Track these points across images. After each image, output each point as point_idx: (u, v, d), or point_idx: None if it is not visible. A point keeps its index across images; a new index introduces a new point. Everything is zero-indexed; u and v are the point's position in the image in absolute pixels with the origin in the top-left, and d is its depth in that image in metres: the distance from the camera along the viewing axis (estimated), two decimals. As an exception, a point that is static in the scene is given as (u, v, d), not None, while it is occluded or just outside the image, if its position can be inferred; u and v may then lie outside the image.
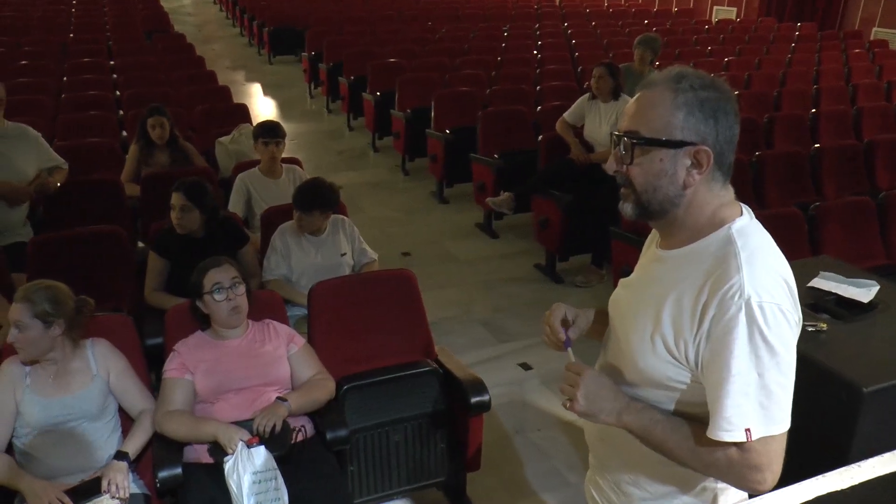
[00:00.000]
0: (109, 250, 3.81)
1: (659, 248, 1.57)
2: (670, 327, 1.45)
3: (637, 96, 1.49)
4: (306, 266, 3.74)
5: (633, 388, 1.56)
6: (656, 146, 1.43)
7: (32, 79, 6.99)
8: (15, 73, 7.04)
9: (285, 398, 2.73)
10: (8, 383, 2.61)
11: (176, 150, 4.96)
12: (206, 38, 13.93)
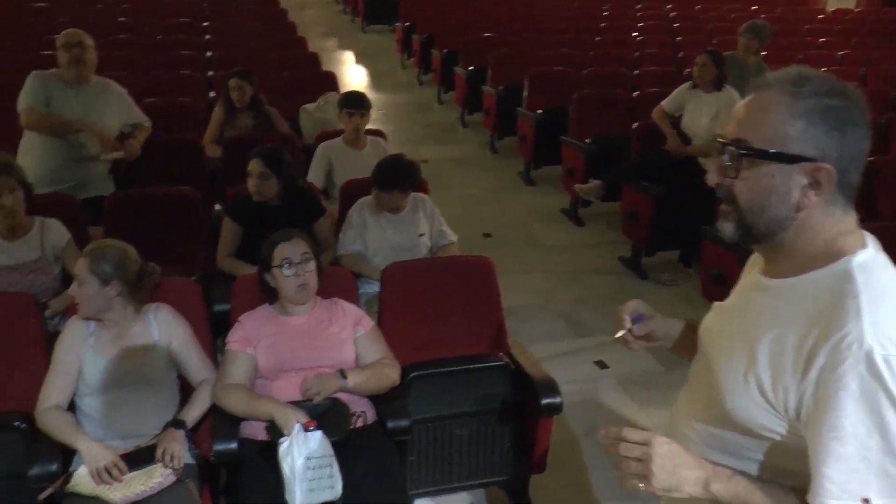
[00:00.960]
0: (185, 212, 3.78)
1: (762, 274, 1.35)
2: (768, 369, 1.23)
3: (748, 99, 1.26)
4: (382, 244, 3.62)
5: (718, 429, 1.35)
6: (767, 159, 1.21)
7: (129, 36, 7.06)
8: (112, 30, 7.12)
9: (345, 373, 2.61)
10: (72, 341, 2.59)
11: (260, 115, 4.92)
12: (301, 4, 13.93)
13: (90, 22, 7.08)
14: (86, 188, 4.00)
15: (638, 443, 1.29)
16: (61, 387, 2.56)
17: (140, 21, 7.80)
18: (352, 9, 13.08)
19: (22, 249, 3.24)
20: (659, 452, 1.27)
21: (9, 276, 3.18)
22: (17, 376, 2.71)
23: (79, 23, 6.57)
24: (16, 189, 3.17)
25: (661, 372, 4.01)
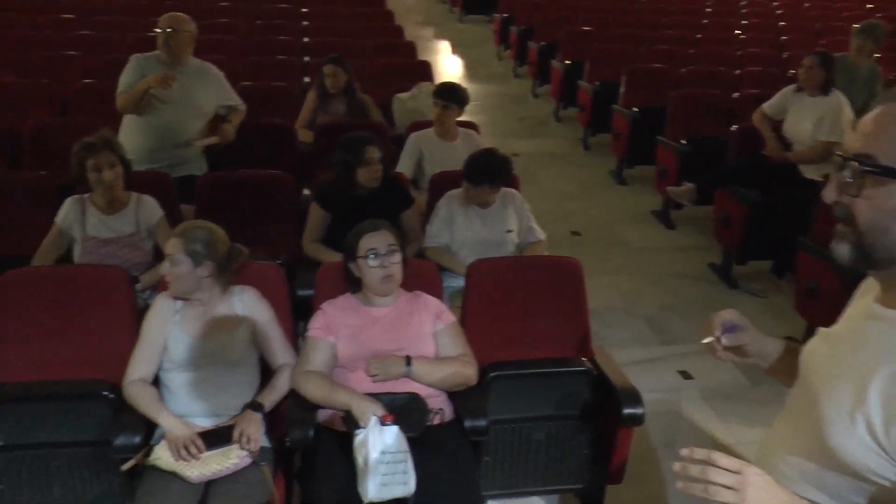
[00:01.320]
0: (274, 195, 3.83)
1: (878, 303, 1.24)
2: (880, 408, 1.13)
3: (878, 112, 1.16)
4: (469, 238, 3.57)
5: (817, 466, 1.25)
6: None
7: (230, 20, 7.20)
8: (213, 14, 7.28)
9: (412, 361, 2.59)
10: (160, 316, 2.64)
11: (353, 101, 4.94)
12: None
13: (194, 6, 7.27)
14: (180, 167, 4.10)
15: (729, 470, 1.19)
16: (147, 361, 2.62)
17: (241, 5, 7.95)
18: (450, 0, 13.08)
19: (118, 223, 3.34)
20: (753, 483, 1.16)
21: (105, 248, 3.29)
22: (108, 347, 2.79)
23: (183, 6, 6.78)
24: (116, 164, 3.27)
25: (747, 387, 3.85)
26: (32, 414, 2.63)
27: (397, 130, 5.05)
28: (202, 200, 3.73)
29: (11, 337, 2.81)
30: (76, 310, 2.84)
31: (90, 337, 2.82)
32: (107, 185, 3.28)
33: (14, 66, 5.79)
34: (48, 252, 3.31)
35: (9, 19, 7.21)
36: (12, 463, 2.62)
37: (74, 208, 3.34)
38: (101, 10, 7.70)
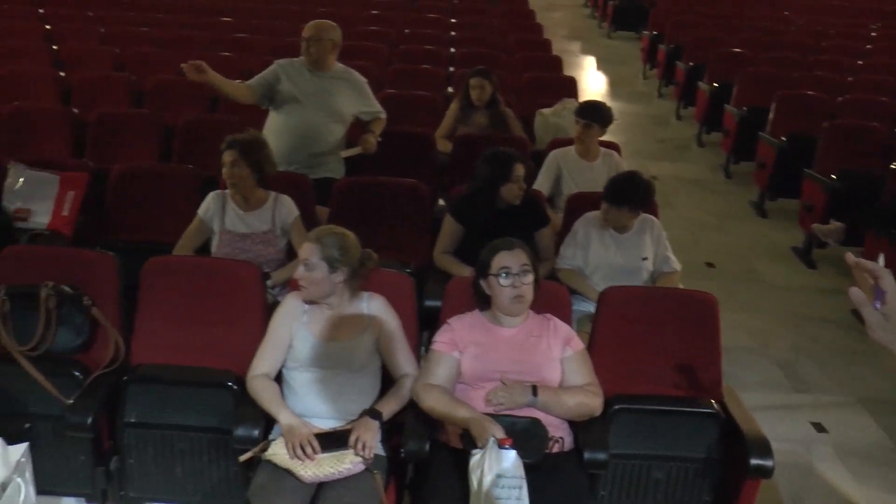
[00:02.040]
0: (409, 203, 3.87)
1: None
2: None
3: None
4: (603, 262, 3.51)
5: None
6: None
7: (378, 27, 7.36)
8: (364, 21, 7.47)
9: (537, 390, 2.55)
10: (288, 315, 2.72)
11: (495, 114, 4.95)
12: (549, 6, 13.92)
13: (347, 13, 7.50)
14: (318, 169, 4.21)
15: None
16: (272, 357, 2.70)
17: (392, 13, 8.12)
18: (600, 13, 12.91)
19: (255, 220, 3.46)
20: None
21: (240, 243, 3.42)
22: (236, 339, 2.90)
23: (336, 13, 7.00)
24: (238, 163, 3.37)
25: (889, 449, 3.61)
26: (163, 396, 2.79)
27: (537, 146, 5.02)
28: (337, 204, 3.82)
29: (149, 320, 2.97)
30: (210, 300, 2.97)
31: (220, 327, 2.94)
32: (230, 182, 3.41)
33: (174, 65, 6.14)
34: (189, 242, 3.47)
35: (170, 20, 7.66)
36: (141, 439, 2.79)
37: (216, 202, 3.49)
38: (258, 13, 8.07)
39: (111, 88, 5.51)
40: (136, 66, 6.09)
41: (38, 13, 7.69)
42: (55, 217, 3.85)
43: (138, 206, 3.96)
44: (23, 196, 3.90)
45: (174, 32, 7.12)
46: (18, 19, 7.46)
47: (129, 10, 7.98)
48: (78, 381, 2.79)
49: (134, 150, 4.59)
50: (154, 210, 3.94)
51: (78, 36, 6.90)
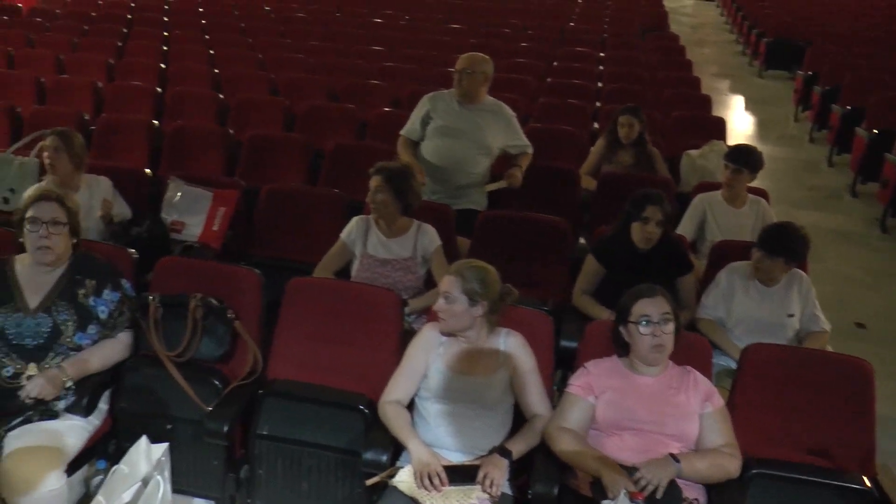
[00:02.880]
0: (550, 240, 3.84)
1: None
2: None
3: None
4: (746, 315, 3.35)
5: None
6: None
7: (526, 60, 7.40)
8: (514, 54, 7.52)
9: (679, 458, 2.44)
10: (424, 345, 2.74)
11: (641, 153, 4.85)
12: (699, 41, 13.64)
13: (495, 45, 7.57)
14: (462, 200, 4.23)
15: None
16: (406, 385, 2.72)
17: (542, 46, 8.15)
18: (752, 50, 12.48)
19: (397, 246, 3.50)
20: None
21: (380, 268, 3.46)
22: (370, 363, 2.94)
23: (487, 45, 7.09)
24: (384, 190, 3.41)
25: None
26: (296, 412, 2.85)
27: (682, 188, 4.88)
28: (479, 236, 3.83)
29: (288, 337, 3.06)
30: (348, 323, 3.03)
31: (356, 350, 3.00)
32: (374, 208, 3.46)
33: (326, 91, 6.40)
34: (330, 263, 3.55)
35: (324, 48, 7.95)
36: (272, 452, 2.86)
37: (359, 227, 3.55)
38: (409, 43, 8.25)
39: (265, 111, 5.76)
40: (289, 90, 6.37)
41: (204, 38, 8.18)
42: (206, 230, 4.04)
43: (284, 226, 4.10)
44: (179, 209, 4.12)
45: (327, 60, 7.38)
46: (188, 43, 7.96)
47: (285, 38, 8.35)
48: (217, 389, 2.90)
49: (283, 172, 4.77)
50: (299, 230, 4.06)
51: (237, 61, 7.28)
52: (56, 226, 2.82)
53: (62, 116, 5.30)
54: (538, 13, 10.26)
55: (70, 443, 2.73)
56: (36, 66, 6.96)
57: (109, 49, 7.60)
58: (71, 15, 9.26)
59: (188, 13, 9.59)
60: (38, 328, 2.79)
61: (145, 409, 2.95)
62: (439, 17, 9.71)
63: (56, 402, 2.76)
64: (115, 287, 2.94)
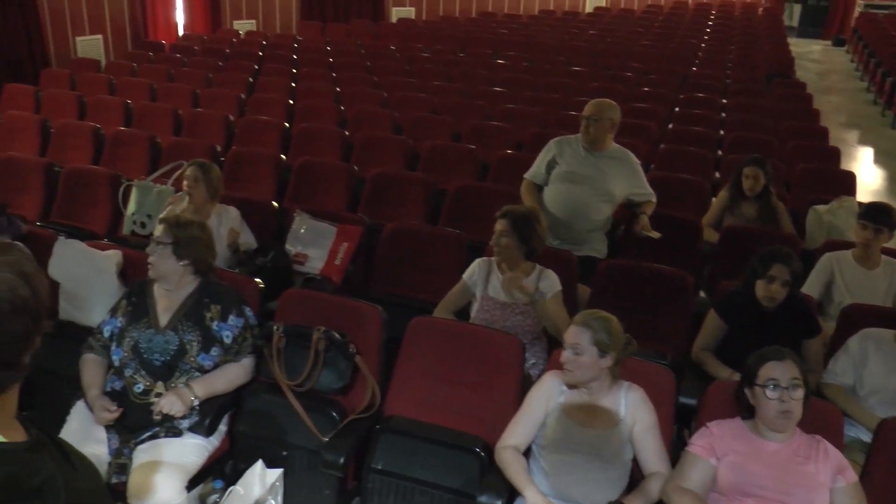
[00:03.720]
0: (670, 293, 3.76)
1: None
2: None
3: None
4: (882, 386, 3.16)
5: None
6: None
7: (647, 105, 7.34)
8: (635, 98, 7.48)
9: None
10: (545, 394, 2.73)
11: (766, 207, 4.70)
12: (826, 89, 13.18)
13: (617, 89, 7.55)
14: (582, 246, 4.22)
15: None
16: (524, 431, 2.72)
17: (662, 91, 8.08)
18: (885, 99, 11.95)
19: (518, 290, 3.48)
20: None
21: (499, 311, 3.47)
22: (488, 407, 2.96)
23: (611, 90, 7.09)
24: (508, 234, 3.43)
25: None
26: (411, 449, 2.89)
27: (808, 245, 4.70)
28: (600, 284, 3.80)
29: (407, 374, 3.12)
30: (468, 365, 3.06)
31: (474, 393, 3.02)
32: (497, 251, 3.48)
33: (449, 131, 6.51)
34: (450, 303, 3.59)
35: (447, 88, 8.12)
36: (385, 486, 2.90)
37: (481, 269, 3.58)
38: (531, 86, 8.32)
39: (388, 149, 5.90)
40: (412, 130, 6.53)
41: (331, 76, 8.48)
42: (328, 264, 4.16)
43: (404, 263, 4.18)
44: (303, 242, 4.26)
45: (450, 100, 7.52)
46: (316, 80, 8.27)
47: (409, 78, 8.56)
48: (334, 420, 2.98)
49: (404, 209, 4.87)
50: (419, 268, 4.14)
51: (362, 99, 7.50)
52: (158, 245, 3.00)
53: (196, 148, 5.60)
54: (660, 57, 10.14)
55: (192, 460, 2.86)
56: (174, 99, 7.41)
57: (241, 84, 8.01)
58: (207, 51, 9.81)
59: (316, 51, 9.99)
60: (167, 345, 2.95)
61: (263, 434, 3.06)
62: (560, 59, 9.76)
63: (181, 420, 2.89)
64: (240, 314, 3.06)
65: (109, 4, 10.66)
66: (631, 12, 14.34)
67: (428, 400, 3.04)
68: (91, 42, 10.50)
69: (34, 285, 1.37)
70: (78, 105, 7.17)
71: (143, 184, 4.79)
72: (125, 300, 3.09)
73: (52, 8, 9.84)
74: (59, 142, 6.18)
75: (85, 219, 4.92)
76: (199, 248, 3.07)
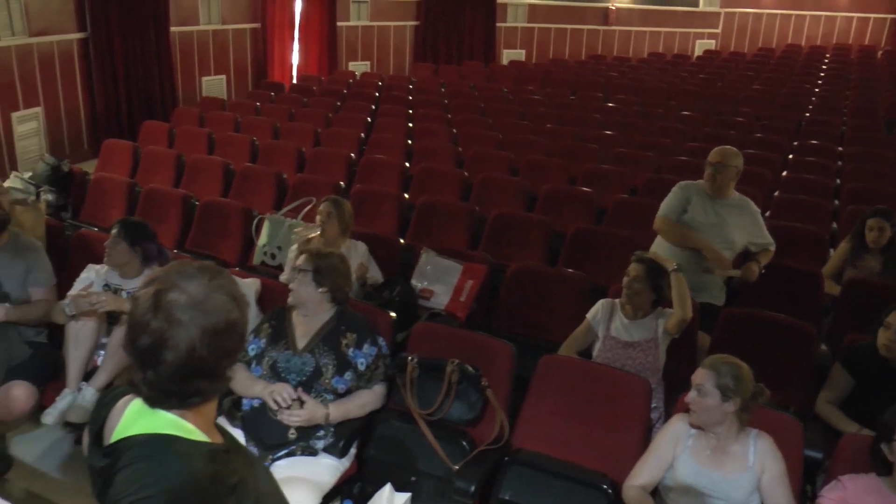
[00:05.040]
0: (792, 343, 3.76)
1: None
2: None
3: None
4: None
5: None
6: None
7: (759, 152, 7.30)
8: (747, 144, 7.44)
9: None
10: (673, 435, 2.80)
11: (890, 260, 4.61)
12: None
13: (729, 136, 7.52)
14: (700, 293, 4.21)
15: None
16: (652, 472, 2.79)
17: (775, 138, 8.00)
18: None
19: (639, 330, 3.60)
20: None
21: (622, 350, 3.58)
22: (614, 445, 3.07)
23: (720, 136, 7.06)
24: (642, 280, 3.56)
25: None
26: (539, 483, 2.99)
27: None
28: (719, 332, 3.84)
29: (535, 410, 3.26)
30: (595, 404, 3.17)
31: (600, 431, 3.13)
32: (627, 293, 3.59)
33: (564, 174, 6.65)
34: (575, 343, 3.71)
35: (561, 132, 8.24)
36: (511, 518, 2.98)
37: (605, 309, 3.69)
38: (643, 129, 8.38)
39: (506, 190, 6.07)
40: (528, 171, 6.69)
41: (447, 117, 8.75)
42: (453, 301, 4.34)
43: (527, 303, 4.31)
44: (429, 278, 4.46)
45: (563, 143, 7.65)
46: (434, 122, 8.55)
47: (521, 120, 8.73)
48: (464, 450, 3.12)
49: (524, 250, 5.01)
50: (540, 308, 4.27)
51: (478, 140, 7.70)
52: (299, 272, 3.22)
53: (321, 185, 5.88)
54: (772, 103, 9.99)
55: (326, 479, 3.04)
56: (297, 137, 7.78)
57: (360, 124, 8.33)
58: (325, 92, 10.22)
59: (431, 92, 10.32)
60: (303, 367, 3.16)
61: (391, 459, 3.21)
62: (671, 103, 9.76)
63: (316, 440, 3.08)
64: (374, 343, 3.25)
65: (234, 47, 11.35)
66: (741, 55, 14.15)
67: (555, 435, 3.16)
68: (215, 82, 11.22)
69: (241, 307, 1.57)
70: (207, 141, 7.62)
71: (274, 217, 5.08)
72: (266, 323, 3.32)
73: (183, 52, 10.62)
74: (192, 175, 6.58)
75: (218, 248, 5.23)
76: (337, 277, 3.27)
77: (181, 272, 1.53)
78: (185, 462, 1.48)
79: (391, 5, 13.18)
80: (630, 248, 3.84)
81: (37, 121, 8.74)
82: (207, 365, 1.51)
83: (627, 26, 15.12)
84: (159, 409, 1.54)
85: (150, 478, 1.45)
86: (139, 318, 1.49)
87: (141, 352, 1.50)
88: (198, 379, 1.52)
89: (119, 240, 3.73)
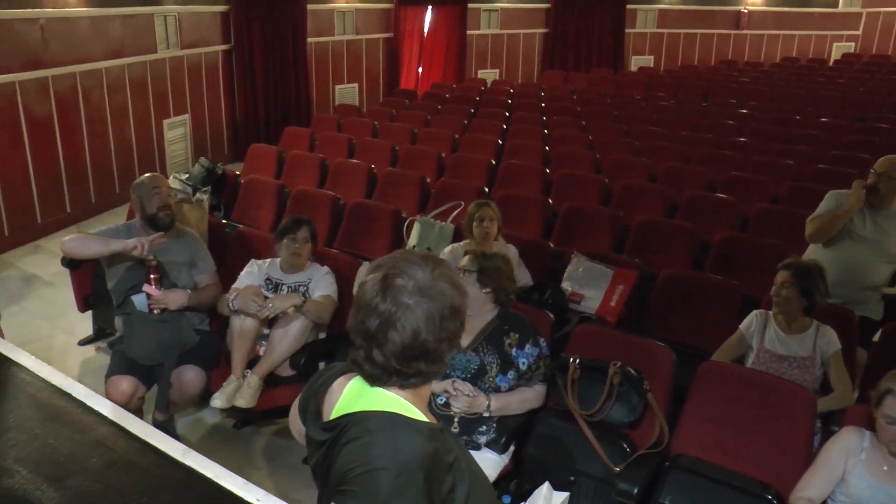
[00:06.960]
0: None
1: None
2: None
3: None
4: None
5: None
6: None
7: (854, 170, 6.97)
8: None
9: None
10: (844, 448, 2.75)
11: None
12: None
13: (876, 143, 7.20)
14: (858, 307, 4.12)
15: None
16: (821, 485, 2.75)
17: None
18: None
19: (795, 344, 3.55)
20: None
21: (776, 364, 3.54)
22: (777, 455, 3.04)
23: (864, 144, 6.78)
24: (790, 286, 3.51)
25: None
26: (699, 489, 2.98)
27: None
28: (880, 349, 3.75)
29: (695, 416, 3.27)
30: (758, 413, 3.15)
31: (763, 440, 3.10)
32: (777, 302, 3.56)
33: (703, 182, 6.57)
34: (727, 353, 3.68)
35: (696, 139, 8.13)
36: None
37: (758, 320, 3.66)
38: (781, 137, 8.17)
39: (647, 197, 6.08)
40: (667, 178, 6.67)
41: (580, 124, 8.80)
42: (604, 305, 4.38)
43: (676, 309, 4.33)
44: (579, 282, 4.52)
45: (700, 150, 7.57)
46: (569, 129, 8.60)
47: (656, 127, 8.67)
48: (625, 452, 3.16)
49: (667, 257, 5.01)
50: (691, 315, 4.26)
51: (613, 147, 7.72)
52: (464, 273, 3.34)
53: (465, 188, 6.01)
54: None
55: (487, 474, 3.15)
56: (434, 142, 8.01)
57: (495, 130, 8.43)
58: (457, 99, 10.40)
59: (563, 100, 10.36)
60: (468, 364, 3.29)
61: (550, 458, 3.27)
62: (809, 109, 9.48)
63: (479, 435, 3.21)
64: (535, 344, 3.35)
65: (367, 57, 11.74)
66: (885, 58, 13.52)
67: (715, 442, 3.16)
68: (348, 90, 11.64)
69: (462, 294, 1.65)
70: (348, 146, 7.92)
71: (425, 220, 5.25)
72: None
73: (318, 61, 11.08)
74: (335, 178, 6.86)
75: (366, 248, 5.39)
76: (500, 278, 3.39)
77: (407, 259, 1.62)
78: (413, 438, 1.57)
79: (521, 13, 13.31)
80: (778, 258, 3.78)
81: (184, 127, 9.32)
82: (430, 348, 1.59)
83: (760, 30, 14.72)
84: (380, 388, 1.64)
85: (381, 450, 1.54)
86: (368, 301, 1.58)
87: (369, 333, 1.59)
88: (419, 361, 1.60)
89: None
